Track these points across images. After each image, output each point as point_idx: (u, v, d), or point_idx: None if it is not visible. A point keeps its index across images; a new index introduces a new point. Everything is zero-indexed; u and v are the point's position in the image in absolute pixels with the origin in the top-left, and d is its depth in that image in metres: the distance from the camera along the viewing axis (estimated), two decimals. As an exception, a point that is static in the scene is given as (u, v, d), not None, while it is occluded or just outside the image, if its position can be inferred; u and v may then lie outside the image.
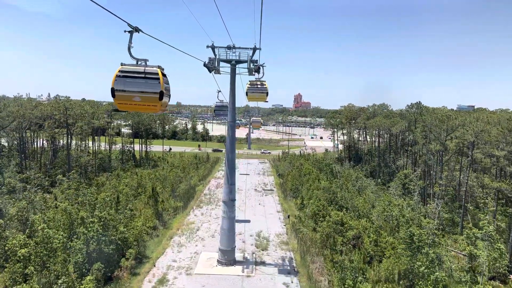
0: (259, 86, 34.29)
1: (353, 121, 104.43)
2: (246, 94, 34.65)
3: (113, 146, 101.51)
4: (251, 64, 37.60)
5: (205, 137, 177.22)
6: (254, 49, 37.10)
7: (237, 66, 38.66)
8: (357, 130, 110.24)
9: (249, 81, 34.72)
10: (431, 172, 61.43)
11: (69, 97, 67.24)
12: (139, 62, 15.27)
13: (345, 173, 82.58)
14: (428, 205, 55.10)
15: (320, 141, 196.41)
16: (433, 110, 69.25)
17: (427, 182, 65.28)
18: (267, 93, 34.16)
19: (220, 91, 43.66)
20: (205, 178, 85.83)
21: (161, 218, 51.55)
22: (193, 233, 48.27)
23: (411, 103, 71.52)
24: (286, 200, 67.97)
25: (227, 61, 38.09)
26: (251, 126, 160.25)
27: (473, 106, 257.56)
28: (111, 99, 15.63)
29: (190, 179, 77.67)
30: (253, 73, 39.17)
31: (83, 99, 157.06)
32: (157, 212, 51.56)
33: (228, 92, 39.42)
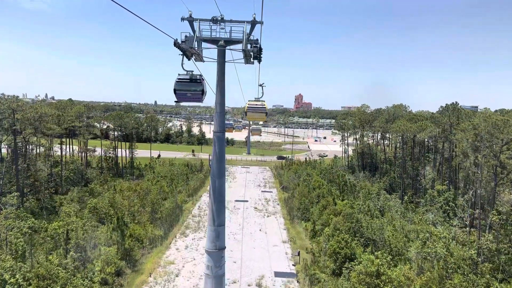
0: (259, 106, 31.47)
1: (368, 125, 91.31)
2: (245, 114, 32.26)
3: (93, 153, 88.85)
4: (249, 45, 24.86)
5: (201, 140, 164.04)
6: (253, 23, 24.24)
7: (227, 48, 26.00)
8: (371, 135, 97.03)
9: (249, 101, 31.90)
10: (476, 191, 48.77)
11: (17, 96, 54.02)
12: None
13: (361, 186, 69.92)
14: (481, 236, 42.41)
15: (325, 144, 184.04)
16: (473, 114, 56.48)
17: (467, 202, 52.77)
18: (266, 113, 31.93)
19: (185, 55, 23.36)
20: (196, 192, 73.00)
21: (130, 258, 38.80)
22: (171, 281, 35.51)
23: (446, 104, 59.03)
24: (293, 223, 55.21)
25: (213, 40, 25.25)
26: (250, 131, 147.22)
27: (477, 107, 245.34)
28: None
29: (176, 195, 64.91)
30: (251, 60, 26.37)
31: (70, 99, 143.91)
32: (124, 249, 38.81)
33: (215, 87, 26.80)
